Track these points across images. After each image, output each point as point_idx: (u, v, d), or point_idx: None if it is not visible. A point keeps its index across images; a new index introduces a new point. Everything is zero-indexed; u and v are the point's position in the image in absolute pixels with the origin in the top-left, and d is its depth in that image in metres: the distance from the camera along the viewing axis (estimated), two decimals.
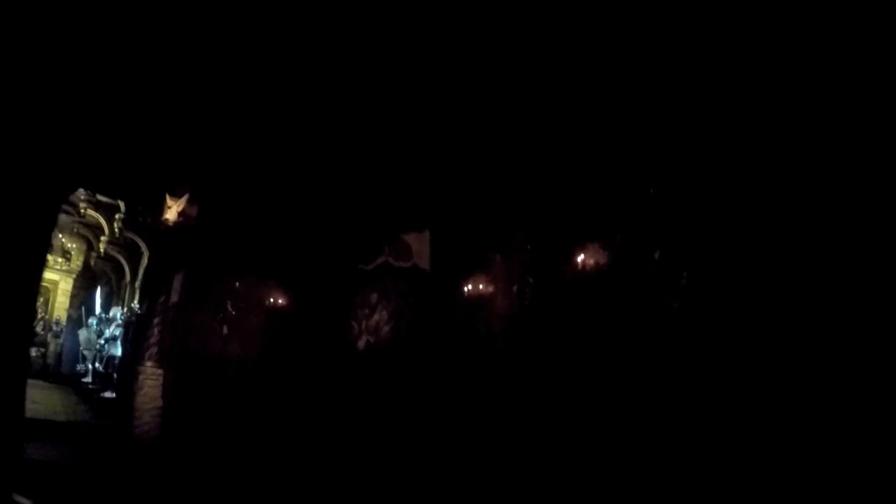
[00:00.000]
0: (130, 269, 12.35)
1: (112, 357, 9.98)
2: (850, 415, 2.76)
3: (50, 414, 7.53)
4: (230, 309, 6.84)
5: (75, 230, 13.08)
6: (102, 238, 11.93)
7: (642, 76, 4.43)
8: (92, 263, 13.75)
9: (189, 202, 7.71)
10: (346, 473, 5.87)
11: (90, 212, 11.44)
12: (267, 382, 6.64)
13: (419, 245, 6.79)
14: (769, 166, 3.57)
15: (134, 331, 8.66)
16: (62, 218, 12.29)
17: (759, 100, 3.64)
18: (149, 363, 6.72)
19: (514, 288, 5.84)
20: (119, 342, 10.10)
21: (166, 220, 7.61)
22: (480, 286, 6.02)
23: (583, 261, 5.36)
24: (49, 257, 10.58)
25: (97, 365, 10.25)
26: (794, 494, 2.90)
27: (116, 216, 10.65)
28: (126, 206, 10.28)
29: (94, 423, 7.36)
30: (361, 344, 6.83)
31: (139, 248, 11.12)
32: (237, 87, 6.62)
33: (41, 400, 8.69)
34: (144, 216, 9.71)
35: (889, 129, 2.81)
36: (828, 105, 3.21)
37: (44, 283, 12.55)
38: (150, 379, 6.54)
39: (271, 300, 7.11)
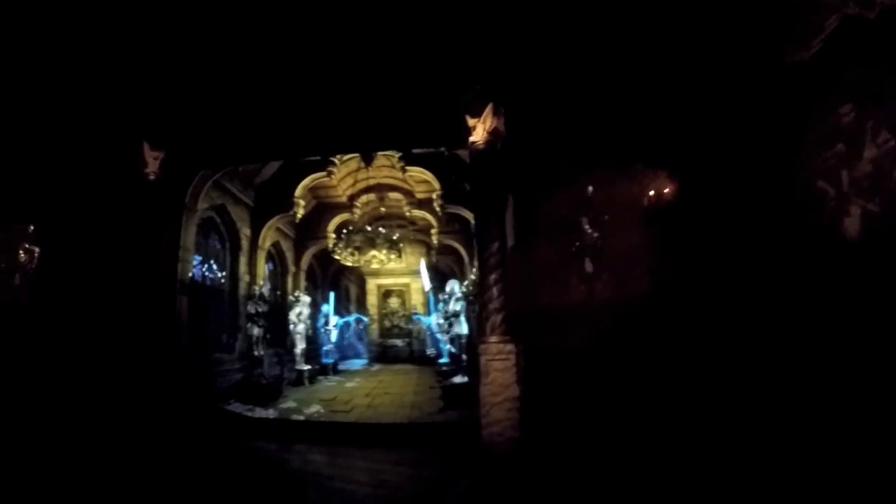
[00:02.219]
0: (465, 247, 11.97)
1: (458, 336, 8.62)
2: None
3: (395, 409, 6.50)
4: (588, 229, 3.92)
5: (412, 237, 14.14)
6: (432, 231, 12.13)
7: None
8: (434, 260, 14.53)
9: (494, 114, 5.47)
10: None
11: (414, 212, 11.74)
12: (675, 338, 3.39)
13: None
14: None
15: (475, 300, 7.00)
16: (401, 232, 12.89)
17: None
18: (493, 338, 4.47)
19: None
20: (463, 318, 8.66)
21: (474, 143, 5.49)
22: None
23: None
24: (382, 256, 10.64)
25: (449, 346, 9.16)
26: None
27: (434, 195, 9.60)
28: (439, 181, 9.02)
29: (432, 423, 5.67)
30: (852, 225, 2.80)
31: (467, 220, 9.77)
32: None
33: (396, 389, 8.31)
34: (455, 171, 8.12)
35: None
36: None
37: (399, 287, 15.62)
38: (497, 360, 4.26)
39: (650, 194, 3.83)
